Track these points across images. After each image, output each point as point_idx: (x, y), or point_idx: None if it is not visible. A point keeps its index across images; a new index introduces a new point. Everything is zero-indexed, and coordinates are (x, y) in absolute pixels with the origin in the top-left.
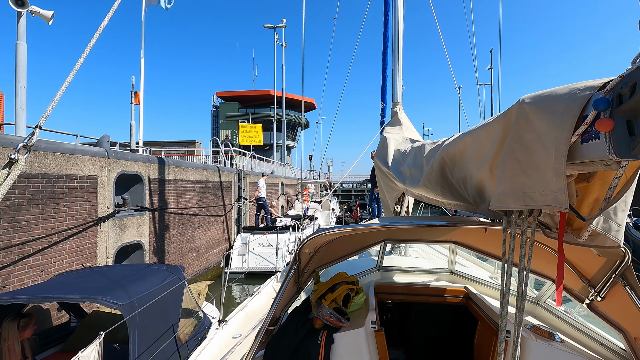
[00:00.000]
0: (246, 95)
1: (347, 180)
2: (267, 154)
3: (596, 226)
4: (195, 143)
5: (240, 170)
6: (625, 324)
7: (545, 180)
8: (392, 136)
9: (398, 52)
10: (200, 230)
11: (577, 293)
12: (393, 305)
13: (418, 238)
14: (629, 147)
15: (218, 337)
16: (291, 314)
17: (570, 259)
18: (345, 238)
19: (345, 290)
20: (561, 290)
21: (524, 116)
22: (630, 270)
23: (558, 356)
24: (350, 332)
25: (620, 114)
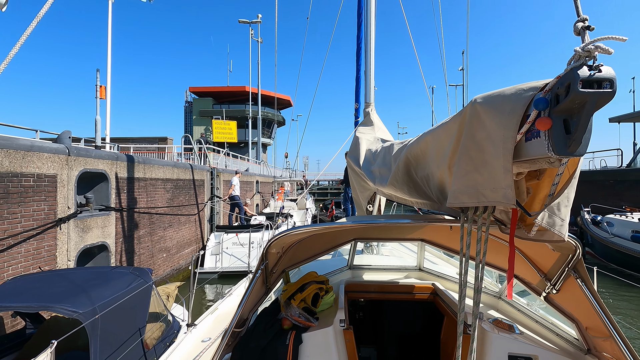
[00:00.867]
0: (221, 91)
1: (324, 178)
2: (242, 152)
3: (541, 221)
4: (166, 139)
5: (213, 168)
6: (577, 314)
7: (495, 178)
8: (364, 136)
9: (370, 54)
10: (171, 230)
11: (535, 286)
12: (366, 303)
13: (388, 237)
14: (565, 144)
15: (186, 341)
16: (260, 315)
17: (528, 254)
18: (315, 237)
19: (314, 289)
20: (512, 283)
21: (476, 115)
22: (581, 264)
23: (516, 347)
24: (319, 331)
25: (557, 113)
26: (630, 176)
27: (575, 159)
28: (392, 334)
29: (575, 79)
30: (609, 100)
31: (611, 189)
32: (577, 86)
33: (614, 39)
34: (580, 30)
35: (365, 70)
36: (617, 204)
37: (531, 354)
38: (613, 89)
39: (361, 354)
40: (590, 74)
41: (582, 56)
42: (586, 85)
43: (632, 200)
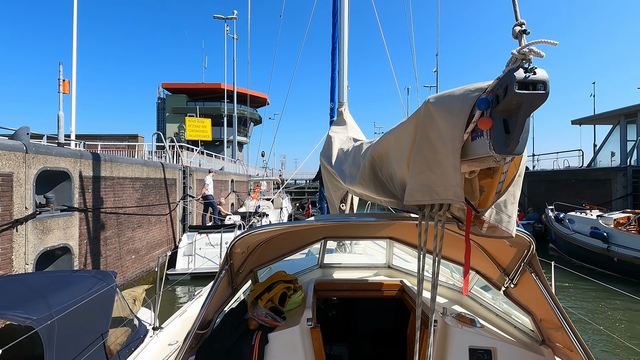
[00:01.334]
0: (195, 88)
1: (301, 177)
2: (217, 150)
3: (489, 218)
4: (137, 137)
5: (186, 167)
6: (533, 307)
7: (447, 176)
8: (337, 135)
9: (343, 53)
10: (141, 230)
11: (496, 281)
12: (339, 301)
13: (357, 235)
14: (505, 144)
15: (152, 345)
16: (225, 316)
17: (489, 250)
18: (284, 236)
19: (281, 289)
20: (467, 279)
21: (429, 115)
22: (535, 258)
23: (476, 340)
24: (285, 330)
25: (497, 113)
26: (590, 175)
27: (518, 158)
28: (364, 331)
29: (512, 80)
30: (543, 102)
31: (573, 188)
32: (514, 87)
33: (547, 42)
34: (517, 34)
35: (338, 69)
36: (578, 202)
37: (490, 347)
38: (546, 91)
39: (333, 352)
40: (525, 76)
41: (519, 59)
42: (522, 86)
43: (591, 198)
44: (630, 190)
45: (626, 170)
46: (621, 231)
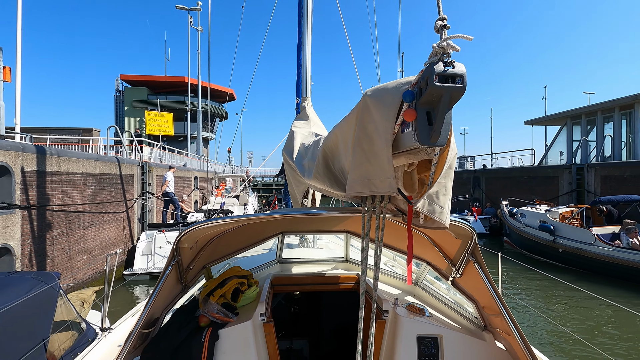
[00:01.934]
0: (157, 81)
1: (269, 174)
2: (181, 146)
3: (422, 209)
4: (92, 131)
5: (145, 162)
6: (476, 295)
7: (383, 168)
8: (299, 130)
9: (307, 48)
10: (93, 229)
11: (444, 272)
12: (301, 296)
13: (314, 229)
14: (428, 135)
15: (99, 347)
16: (175, 314)
17: (437, 242)
18: (238, 231)
19: (234, 284)
20: (410, 269)
21: (366, 108)
22: (477, 249)
23: (424, 329)
24: (237, 326)
25: (421, 105)
26: (540, 173)
27: (447, 150)
28: (327, 325)
29: (432, 73)
30: (461, 95)
31: (525, 184)
32: (434, 80)
33: (463, 37)
34: (439, 29)
35: (302, 64)
36: (530, 197)
37: (436, 334)
38: (464, 85)
39: (293, 346)
40: (444, 69)
41: (439, 52)
42: (442, 79)
43: (541, 194)
44: (575, 186)
45: (571, 168)
46: (566, 224)
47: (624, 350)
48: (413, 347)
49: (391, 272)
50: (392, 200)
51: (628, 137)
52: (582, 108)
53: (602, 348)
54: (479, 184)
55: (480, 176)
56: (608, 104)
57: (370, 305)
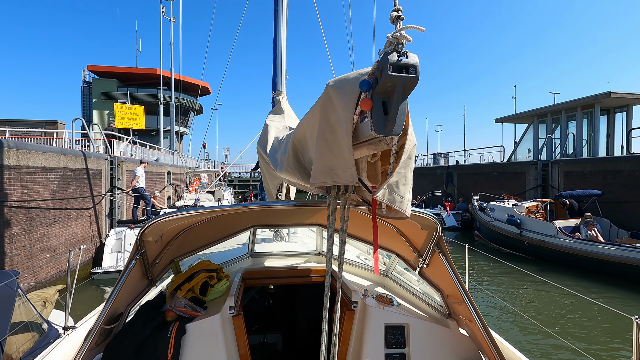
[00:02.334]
0: (127, 73)
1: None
2: (153, 140)
3: (383, 198)
4: (56, 124)
5: (114, 157)
6: (441, 284)
7: (344, 158)
8: (273, 124)
9: (282, 41)
10: (57, 226)
11: (412, 263)
12: (275, 290)
13: (286, 223)
14: (384, 124)
15: (62, 347)
16: (140, 310)
17: (405, 233)
18: (208, 225)
19: (203, 278)
20: (377, 258)
21: (329, 98)
22: (441, 239)
23: (391, 318)
24: (205, 320)
25: (377, 95)
26: (509, 169)
27: (404, 140)
28: (301, 318)
29: (386, 63)
30: (414, 85)
31: (495, 180)
32: (387, 70)
33: (415, 28)
34: (394, 19)
35: (277, 57)
36: (499, 192)
37: (403, 323)
38: (417, 75)
39: (267, 340)
40: (398, 59)
41: (392, 42)
42: (395, 69)
43: (510, 189)
44: (540, 181)
45: (537, 164)
46: (531, 218)
47: (582, 334)
48: (381, 335)
49: (363, 265)
50: (357, 191)
51: (589, 135)
52: (548, 107)
53: (561, 333)
54: (451, 180)
55: (453, 172)
56: (571, 103)
57: (342, 299)
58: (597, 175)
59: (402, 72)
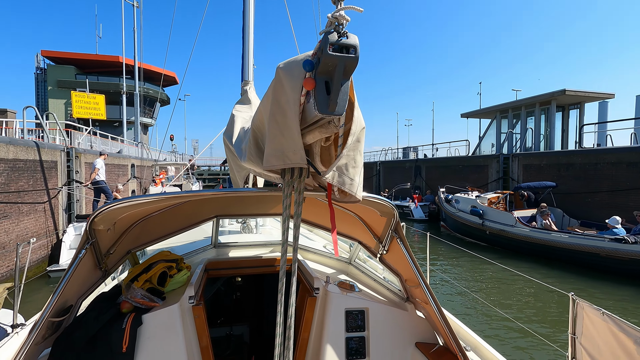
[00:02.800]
0: (87, 60)
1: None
2: (116, 132)
3: (333, 180)
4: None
5: (70, 148)
6: (400, 269)
7: (294, 140)
8: (239, 114)
9: (249, 30)
10: (7, 221)
11: (373, 249)
12: (243, 282)
13: (249, 212)
14: (327, 104)
15: (9, 345)
16: (94, 302)
17: (366, 221)
18: (167, 215)
19: (161, 268)
20: (335, 240)
21: (279, 80)
22: (398, 225)
23: (352, 303)
24: (163, 310)
25: (320, 75)
26: (473, 162)
27: (350, 122)
28: (268, 309)
29: (326, 42)
30: (354, 65)
31: (460, 173)
32: (328, 49)
33: (354, 8)
34: (335, 0)
35: (244, 46)
36: (464, 184)
37: (363, 307)
38: (356, 55)
39: (233, 332)
40: (338, 39)
41: (332, 22)
42: (336, 49)
43: (474, 181)
44: (501, 174)
45: (499, 158)
46: (492, 208)
47: (539, 317)
48: (341, 320)
49: (328, 253)
50: (315, 178)
51: (546, 130)
52: (509, 103)
53: (516, 316)
54: (420, 173)
55: (421, 165)
56: (530, 100)
57: (305, 286)
58: (552, 168)
59: (342, 52)
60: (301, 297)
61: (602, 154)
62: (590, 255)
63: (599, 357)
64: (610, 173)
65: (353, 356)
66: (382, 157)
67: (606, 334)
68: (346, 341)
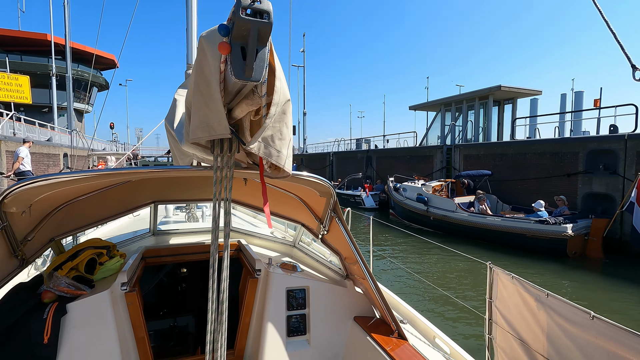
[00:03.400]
0: (7, 36)
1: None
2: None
3: (259, 151)
4: None
5: None
6: (339, 248)
7: (219, 110)
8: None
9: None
10: None
11: (315, 230)
12: (189, 273)
13: (189, 198)
14: (243, 70)
15: None
16: (10, 293)
17: (307, 202)
18: (98, 199)
19: (89, 255)
20: (268, 214)
21: (202, 49)
22: (337, 205)
23: (293, 282)
24: (91, 297)
25: (235, 40)
26: (420, 152)
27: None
28: None
29: (239, 6)
30: (269, 30)
31: (408, 162)
32: (240, 13)
33: None
34: None
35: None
36: (411, 174)
37: (304, 286)
38: (270, 21)
39: (177, 323)
40: (250, 3)
41: None
42: (250, 14)
43: (420, 170)
44: (445, 164)
45: (442, 149)
46: (436, 196)
47: (472, 291)
48: (283, 299)
49: (273, 238)
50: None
51: (484, 123)
52: (453, 97)
53: (451, 292)
54: (371, 163)
55: (372, 156)
56: (470, 94)
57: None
58: (489, 158)
59: (257, 18)
60: (244, 281)
61: (530, 145)
62: (518, 236)
63: (508, 315)
64: (537, 162)
65: (294, 333)
66: (335, 147)
67: (514, 294)
68: (287, 319)
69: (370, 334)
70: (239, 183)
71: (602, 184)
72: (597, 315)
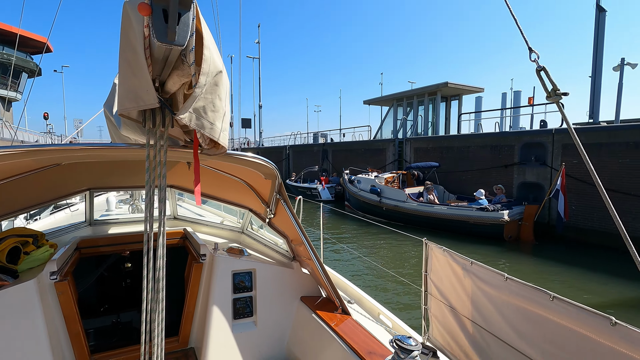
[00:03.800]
0: None
1: None
2: None
3: (190, 122)
4: None
5: None
6: (286, 230)
7: (146, 78)
8: None
9: None
10: None
11: (262, 215)
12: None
13: (127, 185)
14: (165, 33)
15: None
16: None
17: (253, 186)
18: (23, 184)
19: (12, 243)
20: (198, 191)
21: (126, 14)
22: (282, 187)
23: (239, 265)
24: (14, 287)
25: (156, 3)
26: (373, 146)
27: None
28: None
29: None
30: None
31: (363, 155)
32: None
33: None
34: None
35: None
36: (366, 166)
37: (250, 269)
38: None
39: (121, 319)
40: None
41: None
42: None
43: (374, 163)
44: (397, 157)
45: (394, 142)
46: (388, 187)
47: (415, 270)
48: (228, 283)
49: (221, 226)
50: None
51: (433, 117)
52: (404, 92)
53: (397, 272)
54: (327, 156)
55: (328, 149)
56: (421, 90)
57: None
58: (437, 150)
59: None
60: (189, 267)
61: (473, 139)
62: (462, 223)
63: (441, 285)
64: (479, 155)
65: (240, 316)
66: (291, 141)
67: (445, 266)
68: (233, 302)
69: (316, 312)
70: (182, 168)
71: (533, 174)
72: (510, 276)
